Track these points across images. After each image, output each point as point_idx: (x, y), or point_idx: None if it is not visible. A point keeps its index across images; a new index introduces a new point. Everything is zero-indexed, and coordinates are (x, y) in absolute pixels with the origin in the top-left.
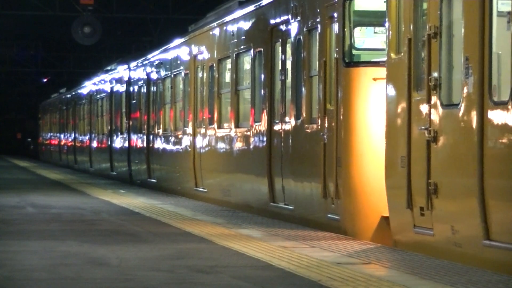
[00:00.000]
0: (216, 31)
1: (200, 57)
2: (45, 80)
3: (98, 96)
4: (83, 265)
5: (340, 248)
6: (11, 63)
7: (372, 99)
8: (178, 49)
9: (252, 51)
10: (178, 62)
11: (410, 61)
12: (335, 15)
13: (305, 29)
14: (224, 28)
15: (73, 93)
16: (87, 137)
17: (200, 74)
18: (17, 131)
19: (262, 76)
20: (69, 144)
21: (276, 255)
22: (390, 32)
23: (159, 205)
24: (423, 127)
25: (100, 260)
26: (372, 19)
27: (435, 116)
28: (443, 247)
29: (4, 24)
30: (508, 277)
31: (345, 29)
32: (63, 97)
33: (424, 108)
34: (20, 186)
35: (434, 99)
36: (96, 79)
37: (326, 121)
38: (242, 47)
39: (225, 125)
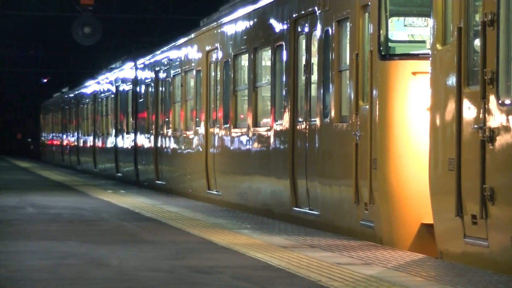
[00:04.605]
0: (231, 25)
1: (213, 53)
2: (45, 80)
3: (103, 95)
4: (83, 265)
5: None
6: (11, 63)
7: (411, 94)
8: (189, 45)
9: (272, 45)
10: (189, 58)
11: (460, 53)
12: (369, 4)
13: (334, 20)
14: (240, 21)
15: (76, 92)
16: (91, 137)
17: (213, 71)
18: (17, 132)
19: (284, 72)
20: (72, 144)
21: (276, 255)
22: (436, 21)
23: (159, 205)
24: (476, 126)
25: (100, 260)
26: (410, 8)
27: (492, 114)
28: (500, 259)
29: (4, 24)
30: (508, 277)
31: (381, 19)
32: (66, 96)
33: (477, 104)
34: (20, 186)
35: (489, 94)
36: (100, 78)
37: (359, 119)
38: (260, 41)
39: (242, 124)
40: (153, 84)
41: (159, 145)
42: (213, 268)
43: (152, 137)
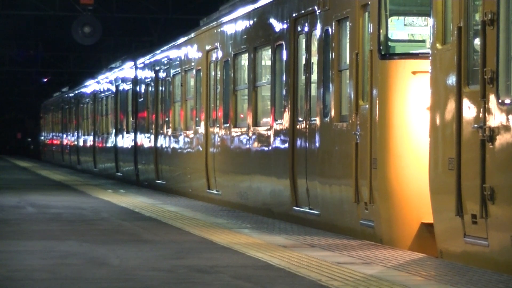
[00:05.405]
0: (231, 24)
1: (213, 52)
2: (45, 80)
3: (103, 94)
4: (83, 265)
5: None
6: (11, 63)
7: (411, 94)
8: (189, 45)
9: (272, 44)
10: (189, 58)
11: (460, 52)
12: (369, 3)
13: (334, 20)
14: (240, 21)
15: (76, 91)
16: (91, 137)
17: (213, 70)
18: (17, 131)
19: (284, 71)
20: (72, 144)
21: (276, 255)
22: (435, 20)
23: (159, 205)
24: (476, 126)
25: (100, 260)
26: (410, 7)
27: (491, 113)
28: (500, 259)
29: (4, 24)
30: (508, 277)
31: (381, 18)
32: (66, 96)
33: (477, 104)
34: (20, 186)
35: (489, 94)
36: (100, 77)
37: (359, 119)
38: (260, 40)
39: (242, 123)
40: (153, 84)
41: (159, 144)
42: (213, 268)
43: (152, 137)
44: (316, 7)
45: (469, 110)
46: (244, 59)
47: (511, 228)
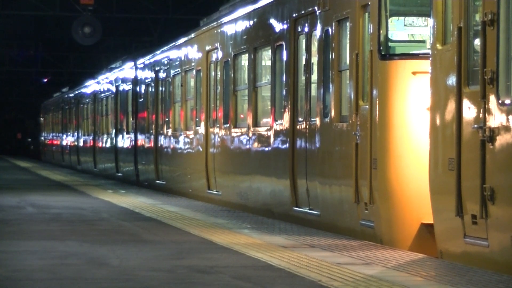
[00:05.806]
0: (231, 25)
1: (213, 52)
2: (45, 80)
3: (103, 95)
4: (83, 265)
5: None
6: (11, 63)
7: (411, 94)
8: (189, 45)
9: (272, 45)
10: (189, 58)
11: (460, 52)
12: (369, 3)
13: (334, 20)
14: (240, 21)
15: (76, 92)
16: (91, 137)
17: (213, 71)
18: (17, 131)
19: (284, 71)
20: (72, 144)
21: (276, 255)
22: (436, 21)
23: (159, 205)
24: (476, 126)
25: (100, 260)
26: (411, 7)
27: (492, 113)
28: (500, 259)
29: (4, 24)
30: (508, 277)
31: (381, 19)
32: (66, 96)
33: (477, 104)
34: (20, 186)
35: (489, 94)
36: (100, 78)
37: (359, 119)
38: (260, 41)
39: (242, 124)
40: (153, 84)
41: (159, 145)
42: (213, 268)
43: (152, 137)
44: (316, 8)
45: (469, 111)
46: (244, 60)
47: (511, 228)
